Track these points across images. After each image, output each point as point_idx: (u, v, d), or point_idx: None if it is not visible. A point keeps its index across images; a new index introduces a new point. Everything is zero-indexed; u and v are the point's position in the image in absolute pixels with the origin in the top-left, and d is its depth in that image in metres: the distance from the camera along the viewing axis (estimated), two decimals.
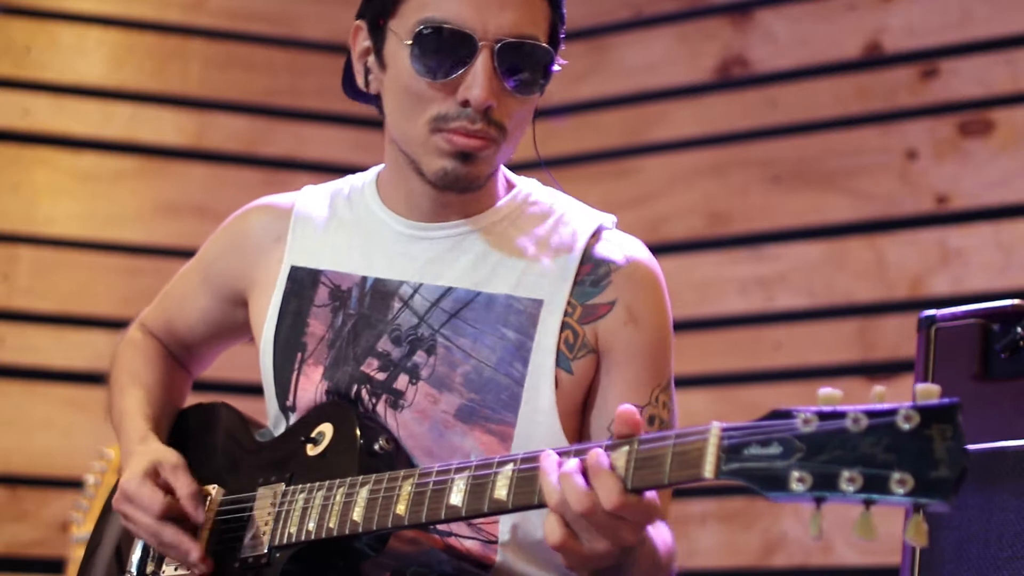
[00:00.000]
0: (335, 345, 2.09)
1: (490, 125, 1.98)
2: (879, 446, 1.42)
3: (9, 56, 4.47)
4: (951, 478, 1.39)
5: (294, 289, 2.14)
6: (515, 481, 1.71)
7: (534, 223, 2.09)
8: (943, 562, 2.23)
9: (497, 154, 2.02)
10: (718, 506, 4.10)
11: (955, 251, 4.00)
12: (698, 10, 4.45)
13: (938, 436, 1.39)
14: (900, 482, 1.40)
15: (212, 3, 4.61)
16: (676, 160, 4.41)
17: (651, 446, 1.61)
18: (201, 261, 2.30)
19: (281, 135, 4.59)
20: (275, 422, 2.15)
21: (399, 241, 2.10)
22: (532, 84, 2.01)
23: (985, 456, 2.24)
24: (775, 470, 1.48)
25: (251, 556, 1.99)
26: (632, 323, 2.03)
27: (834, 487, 1.44)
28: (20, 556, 4.27)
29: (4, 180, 4.41)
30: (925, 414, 1.40)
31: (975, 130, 4.03)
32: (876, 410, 1.43)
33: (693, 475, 1.55)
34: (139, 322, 2.38)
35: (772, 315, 4.21)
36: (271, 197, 2.26)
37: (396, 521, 1.82)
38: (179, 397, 2.34)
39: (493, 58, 1.96)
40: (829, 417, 1.46)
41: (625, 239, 2.11)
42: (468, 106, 1.96)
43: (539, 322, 2.01)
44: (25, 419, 4.31)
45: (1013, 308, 2.30)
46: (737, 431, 1.53)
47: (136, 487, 2.06)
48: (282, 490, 2.00)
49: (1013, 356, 2.27)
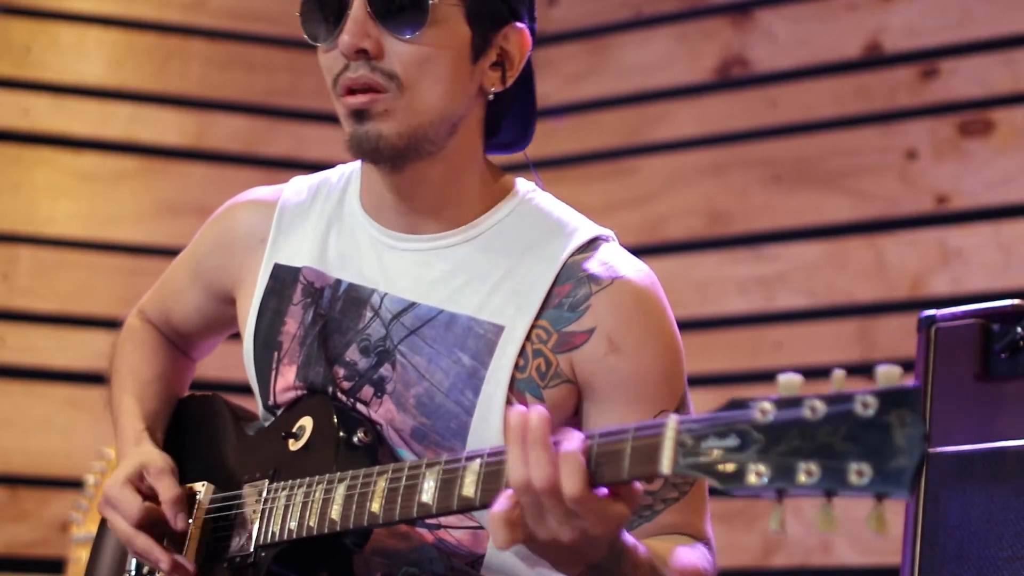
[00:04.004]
0: (305, 343, 2.05)
1: (374, 72, 1.91)
2: (837, 435, 1.36)
3: (9, 56, 4.47)
4: (909, 467, 1.33)
5: (275, 287, 2.11)
6: (482, 477, 1.65)
7: (516, 238, 2.00)
8: (943, 562, 2.23)
9: (399, 106, 1.92)
10: (718, 506, 4.10)
11: (955, 251, 4.00)
12: (698, 10, 4.45)
13: (896, 423, 1.34)
14: (858, 473, 1.34)
15: (212, 3, 4.61)
16: (676, 160, 4.41)
17: (610, 439, 1.55)
18: (193, 255, 2.28)
19: (281, 135, 4.60)
20: (265, 418, 2.13)
21: (375, 248, 2.04)
22: (411, 20, 1.91)
23: (985, 456, 2.24)
24: (732, 463, 1.43)
25: (238, 556, 1.98)
26: (614, 353, 1.92)
27: (792, 480, 1.38)
28: (20, 556, 4.27)
29: (4, 180, 4.41)
30: (884, 399, 1.35)
31: (975, 130, 4.03)
32: (834, 396, 1.38)
33: (650, 471, 1.50)
34: (138, 310, 2.36)
35: (772, 315, 4.21)
36: (258, 190, 2.22)
37: (371, 520, 1.78)
38: (180, 385, 2.31)
39: (366, 3, 1.91)
40: (786, 405, 1.41)
41: (616, 255, 1.98)
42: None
43: (496, 350, 1.93)
44: (25, 419, 4.31)
45: (1013, 308, 2.30)
46: (695, 423, 1.47)
47: (117, 492, 2.04)
48: (266, 487, 1.98)
49: (1013, 356, 2.27)
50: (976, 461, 2.25)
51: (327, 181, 2.16)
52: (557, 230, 2.01)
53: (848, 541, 3.96)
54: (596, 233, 2.01)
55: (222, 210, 2.25)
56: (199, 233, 2.28)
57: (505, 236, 2.00)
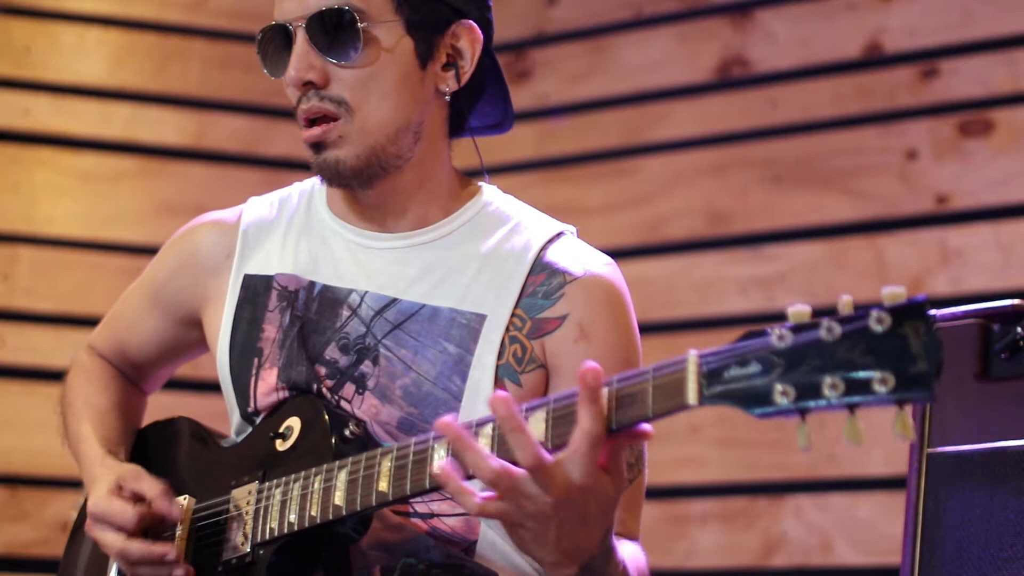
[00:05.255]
0: (284, 345, 2.08)
1: (323, 101, 2.01)
2: (856, 351, 1.43)
3: (9, 56, 4.47)
4: (930, 371, 1.41)
5: (248, 297, 2.13)
6: (496, 441, 1.68)
7: (487, 233, 2.07)
8: (943, 562, 2.23)
9: (351, 130, 2.01)
10: (718, 506, 4.10)
11: (955, 251, 4.00)
12: (698, 10, 4.45)
13: (912, 333, 1.42)
14: (882, 381, 1.41)
15: (212, 3, 4.61)
16: (676, 160, 4.41)
17: (630, 382, 1.60)
18: (150, 283, 2.28)
19: (281, 135, 4.60)
20: (239, 432, 2.14)
21: (349, 249, 2.09)
22: (347, 46, 1.99)
23: (985, 456, 2.24)
24: (758, 387, 1.48)
25: (234, 557, 1.98)
26: (584, 339, 2.00)
27: (818, 395, 1.45)
28: (20, 556, 4.27)
29: (4, 180, 4.41)
30: (896, 314, 1.42)
31: (975, 130, 4.03)
32: (848, 316, 1.45)
33: (677, 404, 1.55)
34: (87, 346, 2.37)
35: (772, 315, 4.20)
36: (216, 213, 2.25)
37: (380, 498, 1.81)
38: (135, 418, 2.32)
39: (307, 37, 2.00)
40: (803, 329, 1.47)
41: (584, 250, 2.08)
42: None
43: (480, 337, 1.99)
44: (25, 419, 4.30)
45: (1013, 308, 2.30)
46: (715, 355, 1.53)
47: (105, 506, 2.05)
48: (256, 488, 1.99)
49: (1013, 356, 2.27)
50: (976, 461, 2.25)
51: (289, 196, 2.20)
52: (526, 225, 2.08)
53: (848, 541, 3.96)
54: (560, 228, 2.10)
55: (179, 235, 2.27)
56: (154, 262, 2.29)
57: (478, 231, 2.07)
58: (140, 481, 2.07)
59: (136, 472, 2.09)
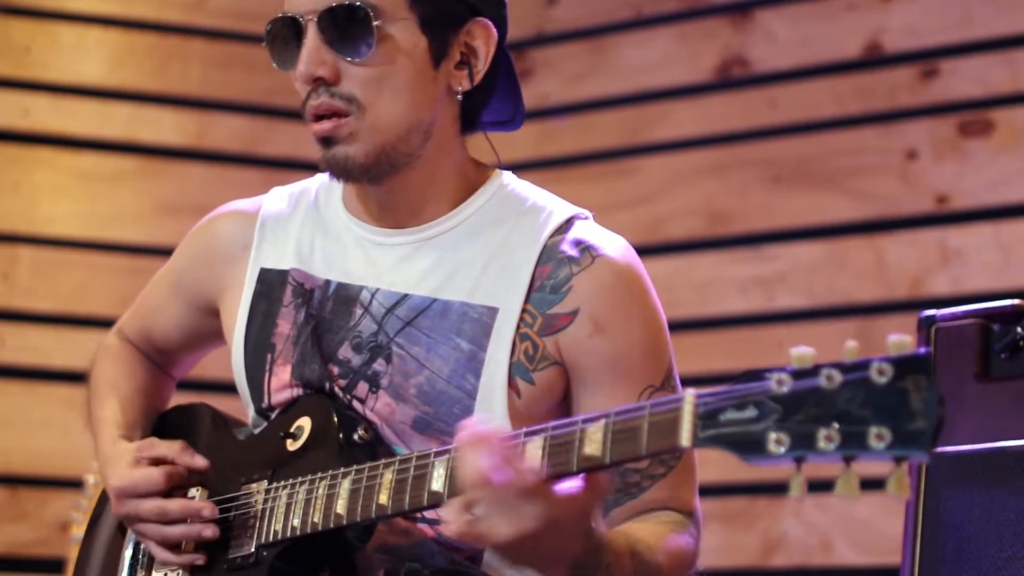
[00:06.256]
0: (299, 342, 2.06)
1: (334, 98, 1.96)
2: (854, 402, 1.40)
3: (9, 56, 4.47)
4: (928, 429, 1.37)
5: (263, 291, 2.12)
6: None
7: (499, 221, 2.02)
8: (943, 562, 2.23)
9: (362, 127, 1.96)
10: (718, 506, 4.10)
11: (955, 251, 4.00)
12: (698, 10, 4.45)
13: (913, 388, 1.38)
14: (878, 436, 1.38)
15: (212, 3, 4.61)
16: (676, 160, 4.41)
17: (627, 417, 1.57)
18: (173, 270, 2.28)
19: (281, 135, 4.60)
20: (255, 425, 2.14)
21: (361, 246, 2.07)
22: (361, 43, 1.94)
23: (985, 456, 2.24)
24: (752, 433, 1.45)
25: (238, 556, 1.98)
26: (599, 333, 1.95)
27: (812, 446, 1.41)
28: (20, 556, 4.27)
29: (4, 180, 4.42)
30: (899, 366, 1.39)
31: (975, 130, 4.03)
32: (850, 365, 1.41)
33: (670, 444, 1.52)
34: (116, 329, 2.36)
35: (772, 315, 4.21)
36: (238, 203, 2.23)
37: (380, 511, 1.80)
38: (160, 401, 2.32)
39: (318, 32, 1.96)
40: (802, 375, 1.43)
41: (596, 233, 2.01)
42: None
43: (493, 332, 1.95)
44: (25, 419, 4.31)
45: (1013, 308, 2.30)
46: (712, 397, 1.49)
47: (129, 477, 2.05)
48: (265, 488, 1.99)
49: (1013, 356, 2.27)
50: (976, 461, 2.25)
51: (307, 190, 2.18)
52: (535, 212, 2.03)
53: (848, 541, 3.96)
54: (573, 212, 2.03)
55: (202, 223, 2.26)
56: (178, 249, 2.29)
57: (487, 221, 2.03)
58: (155, 447, 2.07)
59: (150, 441, 2.10)
